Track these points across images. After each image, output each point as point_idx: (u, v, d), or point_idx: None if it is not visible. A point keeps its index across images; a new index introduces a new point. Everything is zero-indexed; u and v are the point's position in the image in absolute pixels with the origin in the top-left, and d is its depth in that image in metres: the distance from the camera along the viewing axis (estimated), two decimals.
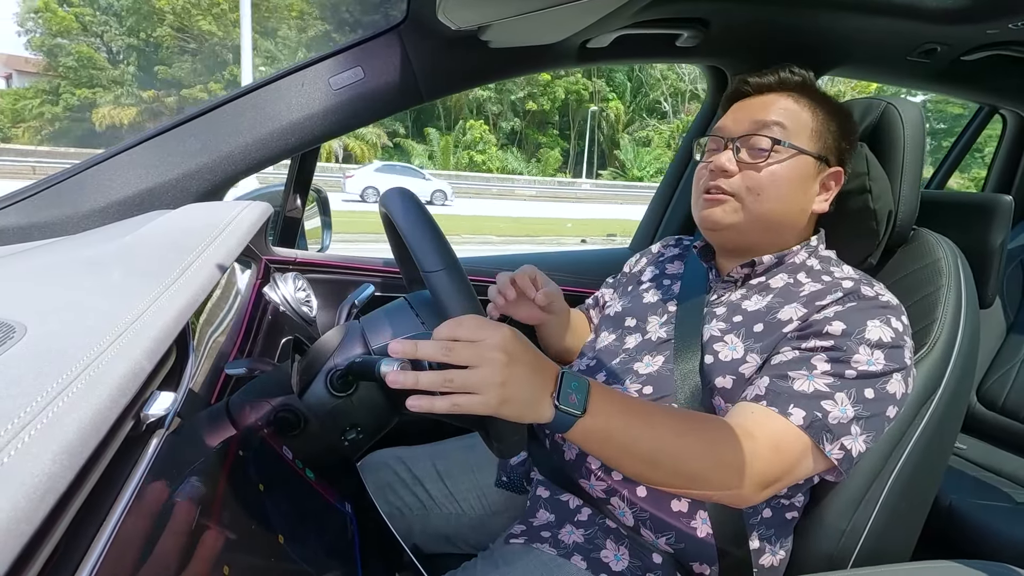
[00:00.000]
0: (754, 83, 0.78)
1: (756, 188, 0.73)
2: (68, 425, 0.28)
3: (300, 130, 0.91)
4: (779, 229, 0.76)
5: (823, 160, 0.75)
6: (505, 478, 0.89)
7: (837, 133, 0.76)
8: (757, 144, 0.73)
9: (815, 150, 0.74)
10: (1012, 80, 1.46)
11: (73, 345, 0.35)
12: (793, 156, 0.73)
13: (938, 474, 0.78)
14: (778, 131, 0.73)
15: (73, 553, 0.30)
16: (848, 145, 0.77)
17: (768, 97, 0.77)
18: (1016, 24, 1.07)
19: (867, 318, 0.65)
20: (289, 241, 1.26)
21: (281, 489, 0.57)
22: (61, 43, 25.77)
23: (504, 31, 0.91)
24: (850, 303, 0.67)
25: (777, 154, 0.73)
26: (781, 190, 0.73)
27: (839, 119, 0.76)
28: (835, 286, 0.70)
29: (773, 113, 0.74)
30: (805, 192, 0.75)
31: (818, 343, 0.65)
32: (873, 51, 1.22)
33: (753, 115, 0.75)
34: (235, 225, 0.73)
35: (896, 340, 0.65)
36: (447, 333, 0.51)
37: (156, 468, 0.39)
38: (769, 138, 0.72)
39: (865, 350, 0.63)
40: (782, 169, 0.73)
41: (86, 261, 0.60)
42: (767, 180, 0.73)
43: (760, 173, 0.73)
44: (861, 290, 0.68)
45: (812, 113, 0.75)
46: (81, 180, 0.84)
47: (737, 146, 0.74)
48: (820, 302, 0.68)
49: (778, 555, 0.72)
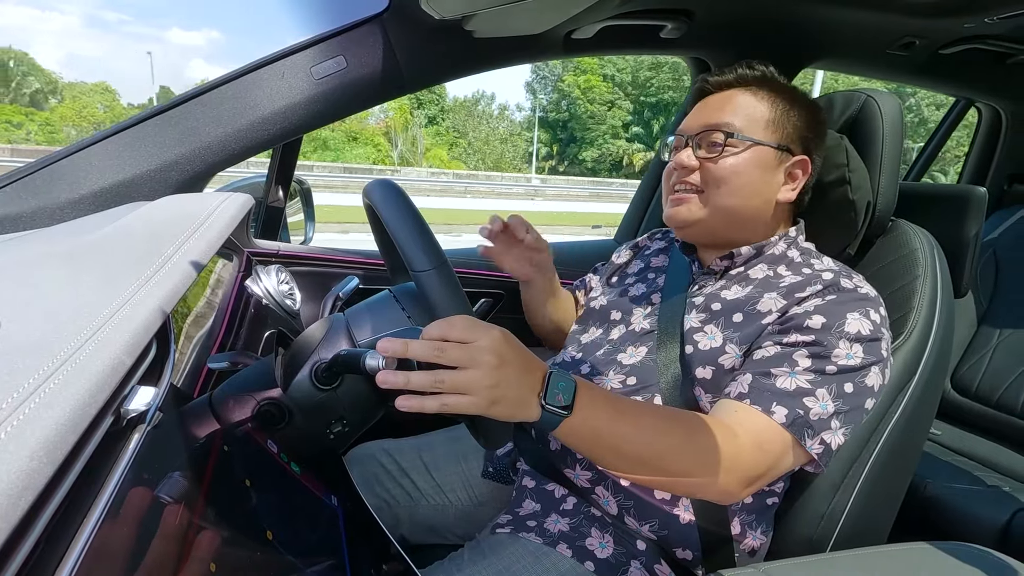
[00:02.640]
0: (714, 81, 0.80)
1: (715, 181, 0.75)
2: (46, 421, 0.28)
3: (282, 120, 0.89)
4: (747, 220, 0.77)
5: (784, 150, 0.76)
6: (491, 469, 0.90)
7: (799, 121, 0.76)
8: (712, 139, 0.75)
9: (774, 140, 0.75)
10: (987, 73, 1.49)
11: (49, 340, 0.34)
12: (749, 147, 0.74)
13: (914, 459, 0.80)
14: (734, 124, 0.75)
15: (52, 553, 0.30)
16: (813, 134, 0.78)
17: (726, 93, 0.78)
18: (992, 18, 1.09)
19: (846, 311, 0.66)
20: (271, 233, 1.25)
21: (266, 483, 0.57)
22: None
23: (488, 21, 0.90)
24: (829, 296, 0.68)
25: (733, 147, 0.74)
26: (741, 180, 0.74)
27: (800, 108, 0.77)
28: (815, 278, 0.71)
29: (728, 108, 0.76)
30: (767, 183, 0.76)
31: (799, 337, 0.66)
32: (854, 44, 1.24)
33: (710, 112, 0.77)
34: (216, 217, 0.71)
35: (874, 332, 0.66)
36: (438, 333, 0.51)
37: (138, 464, 0.38)
38: (723, 132, 0.75)
39: (844, 344, 0.65)
40: (739, 161, 0.74)
41: (61, 254, 0.59)
42: (726, 172, 0.74)
43: (717, 166, 0.75)
44: (840, 282, 0.69)
45: (771, 104, 0.76)
46: (55, 171, 0.82)
47: (696, 143, 0.77)
48: (800, 294, 0.69)
49: (759, 539, 0.73)
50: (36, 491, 0.25)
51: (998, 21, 1.10)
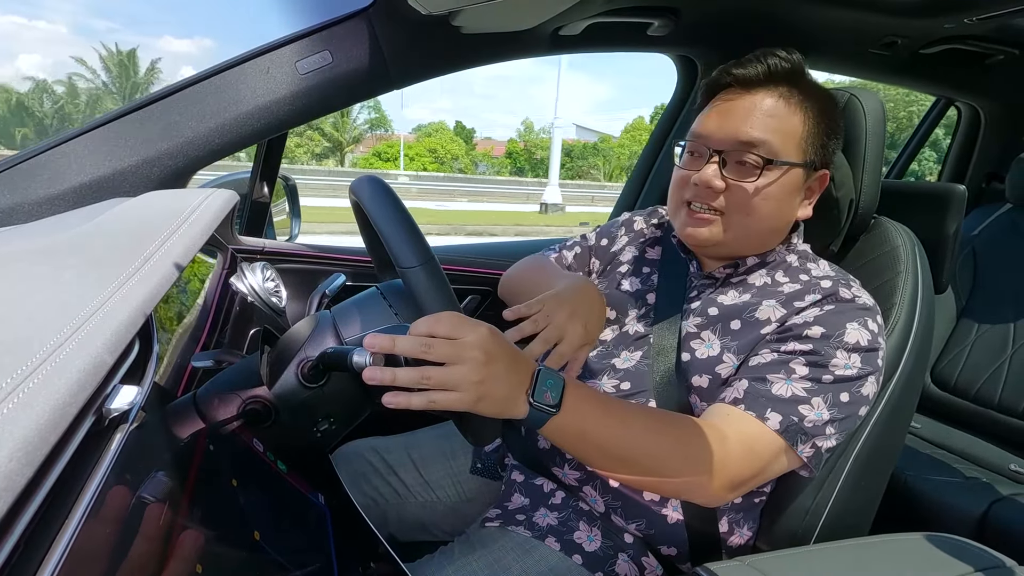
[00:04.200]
0: (739, 75, 0.70)
1: (745, 208, 0.69)
2: (25, 421, 0.27)
3: (267, 115, 0.88)
4: (765, 239, 0.74)
5: (811, 167, 0.71)
6: (480, 465, 0.90)
7: (825, 133, 0.71)
8: (746, 160, 0.68)
9: (805, 159, 0.70)
10: (967, 73, 1.52)
11: (28, 338, 0.34)
12: (785, 172, 0.69)
13: (895, 452, 0.81)
14: (769, 145, 0.68)
15: (32, 557, 0.29)
16: (835, 144, 0.73)
17: (756, 97, 0.69)
18: (971, 19, 1.11)
19: (846, 321, 0.65)
20: (257, 230, 1.23)
21: (252, 482, 0.56)
22: None
23: (476, 17, 0.89)
24: (828, 306, 0.67)
25: (769, 171, 0.68)
26: (770, 208, 0.69)
27: (829, 116, 0.71)
28: (813, 286, 0.70)
29: (760, 119, 0.68)
30: (792, 204, 0.72)
31: (797, 346, 0.65)
32: (838, 43, 1.25)
33: (740, 124, 0.68)
34: (200, 213, 0.70)
35: (872, 343, 0.65)
36: (425, 329, 0.51)
37: (120, 464, 0.38)
38: (760, 156, 0.67)
39: (843, 354, 0.64)
40: (773, 188, 0.68)
41: (41, 251, 0.58)
42: (758, 200, 0.68)
43: (748, 192, 0.68)
44: (839, 292, 0.68)
45: (803, 116, 0.69)
46: (33, 166, 0.80)
47: (723, 159, 0.69)
48: (799, 303, 0.69)
49: (745, 535, 0.74)
50: (15, 493, 0.25)
51: (976, 22, 1.12)
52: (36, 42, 60.43)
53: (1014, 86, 1.62)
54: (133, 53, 29.30)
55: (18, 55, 54.15)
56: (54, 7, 64.28)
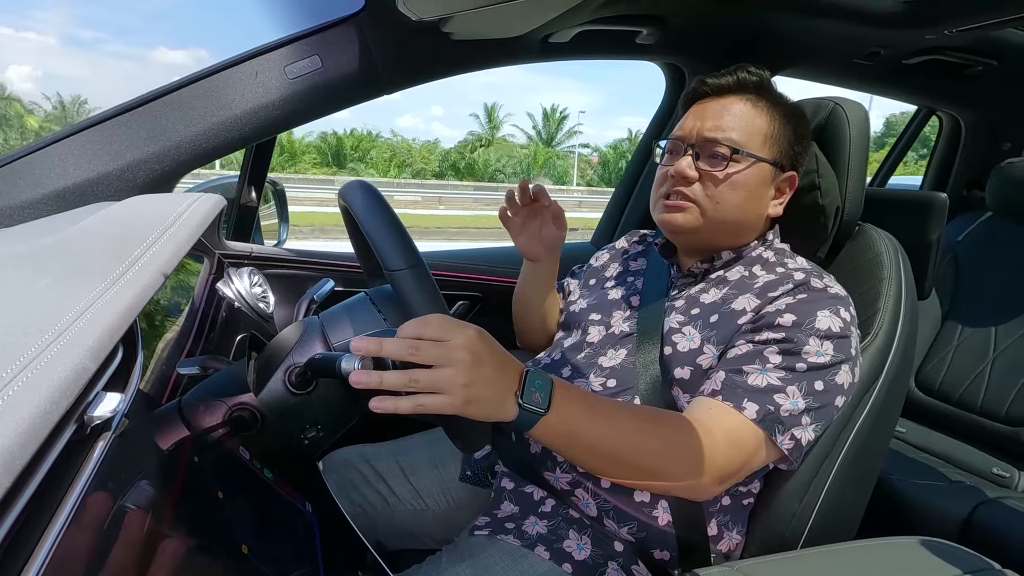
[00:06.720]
0: (712, 84, 0.79)
1: (715, 195, 0.74)
2: (4, 429, 0.26)
3: (254, 119, 0.88)
4: (738, 231, 0.78)
5: (778, 166, 0.76)
6: (469, 472, 0.89)
7: (792, 137, 0.77)
8: (717, 151, 0.74)
9: (772, 156, 0.75)
10: (948, 83, 1.55)
11: (8, 345, 0.33)
12: (751, 164, 0.74)
13: (880, 456, 0.82)
14: (736, 138, 0.74)
15: (11, 566, 0.28)
16: (801, 148, 0.79)
17: (726, 100, 0.77)
18: (951, 30, 1.13)
19: (817, 308, 0.68)
20: (244, 235, 1.22)
21: (238, 490, 0.55)
22: None
23: (466, 23, 0.90)
24: (800, 295, 0.70)
25: (736, 163, 0.74)
26: (740, 197, 0.75)
27: (794, 122, 0.78)
28: (787, 277, 0.73)
29: (728, 118, 0.75)
30: (761, 198, 0.77)
31: (770, 335, 0.67)
32: (822, 52, 1.27)
33: (711, 120, 0.76)
34: (186, 218, 0.69)
35: (844, 330, 0.68)
36: (412, 332, 0.51)
37: (102, 473, 0.37)
38: (728, 146, 0.74)
39: (815, 341, 0.66)
40: (741, 177, 0.74)
41: (22, 255, 0.57)
42: (727, 188, 0.74)
43: (720, 180, 0.74)
44: (811, 282, 0.71)
45: (769, 118, 0.76)
46: (15, 169, 0.79)
47: (697, 152, 0.76)
48: (772, 293, 0.71)
49: (734, 539, 0.75)
50: None
51: (956, 33, 1.15)
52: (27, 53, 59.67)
53: (992, 96, 1.66)
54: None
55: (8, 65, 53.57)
56: (42, 18, 63.39)
